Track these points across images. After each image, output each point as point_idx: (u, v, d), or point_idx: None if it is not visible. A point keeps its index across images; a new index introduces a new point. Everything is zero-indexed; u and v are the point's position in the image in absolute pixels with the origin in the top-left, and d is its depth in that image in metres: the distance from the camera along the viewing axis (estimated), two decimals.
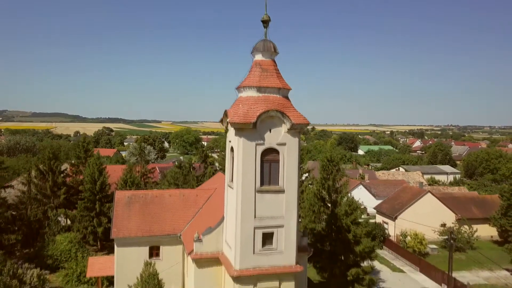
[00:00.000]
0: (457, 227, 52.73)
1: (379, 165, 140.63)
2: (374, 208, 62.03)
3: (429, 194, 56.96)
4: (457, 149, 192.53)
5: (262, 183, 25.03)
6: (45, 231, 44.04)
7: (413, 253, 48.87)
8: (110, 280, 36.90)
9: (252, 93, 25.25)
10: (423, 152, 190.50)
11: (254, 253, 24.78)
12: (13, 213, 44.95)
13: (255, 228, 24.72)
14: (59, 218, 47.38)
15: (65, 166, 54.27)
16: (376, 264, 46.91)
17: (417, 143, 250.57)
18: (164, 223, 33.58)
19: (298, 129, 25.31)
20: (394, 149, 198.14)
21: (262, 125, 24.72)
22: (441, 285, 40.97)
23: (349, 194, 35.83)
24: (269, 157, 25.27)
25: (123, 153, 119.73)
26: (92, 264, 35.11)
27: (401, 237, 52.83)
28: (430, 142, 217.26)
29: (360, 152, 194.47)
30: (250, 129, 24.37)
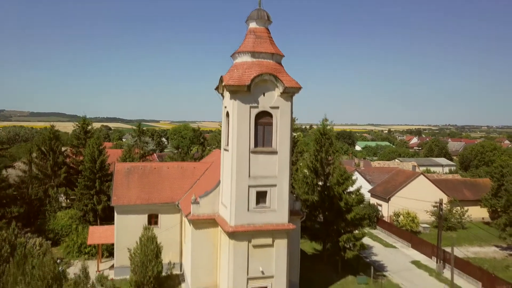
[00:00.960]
0: (448, 208, 53.97)
1: (375, 158, 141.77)
2: (369, 192, 63.18)
3: (421, 176, 58.20)
4: (454, 145, 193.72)
5: (256, 145, 26.33)
6: (46, 208, 45.07)
7: (406, 231, 50.09)
8: (110, 251, 38.05)
9: (247, 58, 26.51)
10: (420, 148, 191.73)
11: (248, 210, 26.03)
12: (15, 192, 45.90)
13: (249, 186, 25.97)
14: (60, 198, 48.45)
15: (65, 148, 55.25)
16: (369, 241, 48.21)
17: (414, 140, 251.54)
18: (162, 192, 34.73)
19: (290, 93, 26.58)
20: (391, 145, 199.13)
21: (256, 89, 25.98)
22: (431, 258, 42.23)
23: (340, 166, 36.94)
24: (263, 120, 26.56)
25: (122, 147, 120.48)
26: (93, 233, 36.19)
27: (394, 217, 54.08)
28: (427, 139, 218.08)
29: (358, 148, 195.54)
30: (244, 92, 25.61)
